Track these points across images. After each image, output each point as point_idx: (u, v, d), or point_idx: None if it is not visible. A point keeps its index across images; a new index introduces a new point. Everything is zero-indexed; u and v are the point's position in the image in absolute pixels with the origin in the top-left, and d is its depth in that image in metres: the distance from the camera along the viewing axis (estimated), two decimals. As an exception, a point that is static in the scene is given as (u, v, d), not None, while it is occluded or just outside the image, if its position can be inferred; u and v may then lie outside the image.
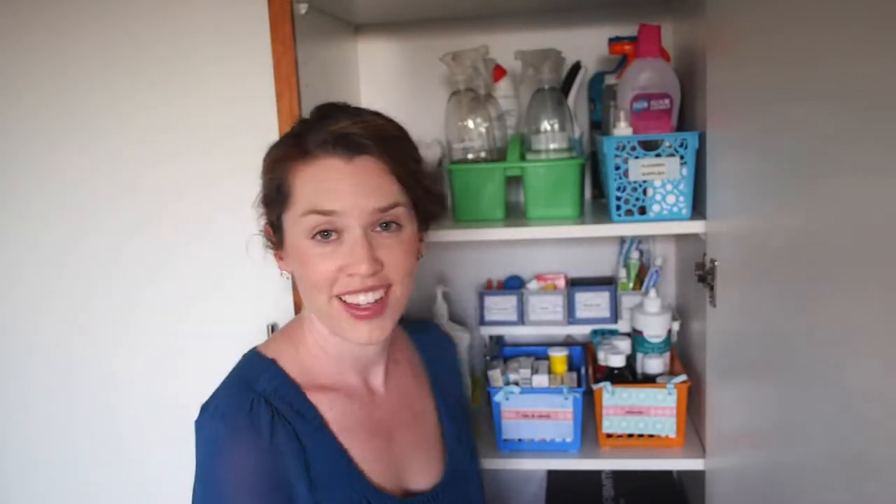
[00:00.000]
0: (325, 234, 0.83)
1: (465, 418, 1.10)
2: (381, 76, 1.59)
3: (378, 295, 0.84)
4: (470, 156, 1.33)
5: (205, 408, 0.84)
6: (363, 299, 0.83)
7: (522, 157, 1.31)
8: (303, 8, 1.17)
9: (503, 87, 1.45)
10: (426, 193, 0.91)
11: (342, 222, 0.82)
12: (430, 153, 1.43)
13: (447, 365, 1.10)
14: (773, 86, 0.79)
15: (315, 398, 0.88)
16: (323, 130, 0.84)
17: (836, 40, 0.62)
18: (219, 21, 1.17)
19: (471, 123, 1.33)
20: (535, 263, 1.60)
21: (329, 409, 0.88)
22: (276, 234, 0.90)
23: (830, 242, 0.64)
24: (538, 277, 1.54)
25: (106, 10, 1.19)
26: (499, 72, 1.44)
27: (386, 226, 0.85)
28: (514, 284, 1.55)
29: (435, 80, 1.54)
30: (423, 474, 0.95)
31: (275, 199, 0.87)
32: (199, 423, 0.83)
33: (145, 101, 1.20)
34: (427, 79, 1.55)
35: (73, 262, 1.26)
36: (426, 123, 1.48)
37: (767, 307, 0.85)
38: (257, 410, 0.82)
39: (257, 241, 0.95)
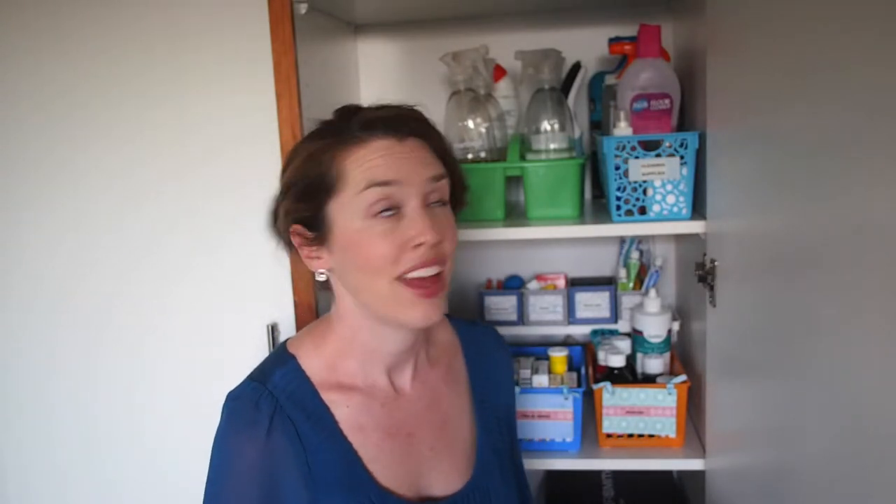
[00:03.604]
0: (384, 210, 0.82)
1: (511, 434, 1.06)
2: (381, 76, 1.59)
3: (437, 270, 0.83)
4: (470, 156, 1.33)
5: (227, 395, 0.87)
6: (425, 273, 0.82)
7: (522, 157, 1.31)
8: (303, 8, 1.17)
9: (503, 87, 1.45)
10: (460, 177, 0.93)
11: (401, 194, 0.82)
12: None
13: (495, 374, 1.05)
14: (773, 86, 0.79)
15: (330, 397, 0.87)
16: (367, 118, 0.85)
17: (837, 40, 0.62)
18: (219, 21, 1.17)
19: (471, 123, 1.33)
20: (535, 263, 1.60)
21: (345, 407, 0.87)
22: (313, 230, 0.86)
23: (830, 242, 0.64)
24: (538, 277, 1.54)
25: (107, 12, 1.19)
26: (499, 72, 1.44)
27: (436, 202, 0.86)
28: (514, 284, 1.55)
29: (435, 80, 1.54)
30: (444, 481, 0.93)
31: (316, 191, 0.84)
32: (222, 409, 0.86)
33: (145, 102, 1.20)
34: (427, 79, 1.55)
35: (73, 264, 1.26)
36: (426, 123, 1.48)
37: (767, 307, 0.85)
38: (261, 406, 0.84)
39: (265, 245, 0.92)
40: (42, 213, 1.25)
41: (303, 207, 0.85)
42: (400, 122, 0.85)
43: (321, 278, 0.89)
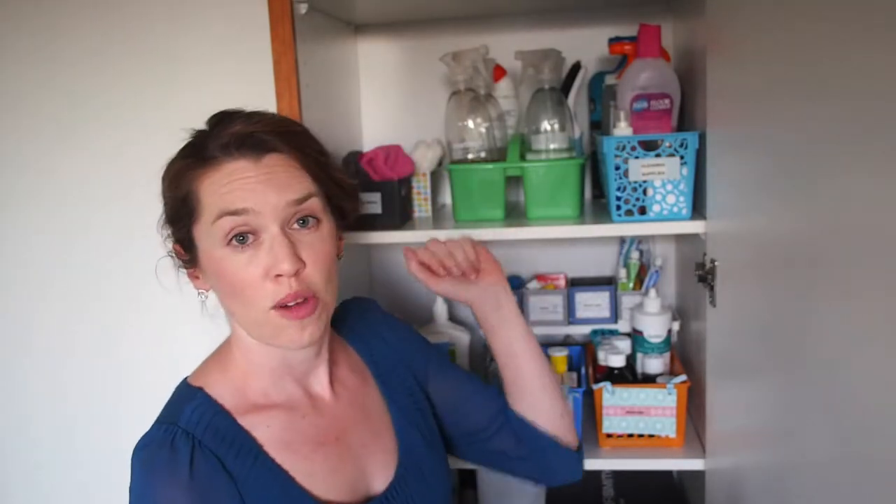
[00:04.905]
0: (240, 238, 0.79)
1: (412, 402, 1.02)
2: (381, 76, 1.59)
3: (304, 297, 0.80)
4: (470, 156, 1.33)
5: (134, 447, 0.80)
6: (291, 302, 0.80)
7: (522, 157, 1.31)
8: (303, 8, 1.17)
9: (503, 87, 1.45)
10: (338, 187, 0.88)
11: (257, 222, 0.78)
12: (430, 153, 1.44)
13: (383, 342, 1.02)
14: (773, 85, 0.79)
15: (248, 421, 0.83)
16: (223, 135, 0.80)
17: (837, 40, 0.62)
18: (219, 21, 1.17)
19: (471, 123, 1.33)
20: (535, 263, 1.60)
21: (266, 428, 0.83)
22: (187, 252, 0.85)
23: (830, 242, 0.64)
24: (538, 277, 1.54)
25: (106, 11, 1.19)
26: (499, 72, 1.44)
27: (304, 222, 0.81)
28: (514, 284, 1.55)
29: (435, 80, 1.54)
30: (381, 474, 0.91)
31: (181, 214, 0.82)
32: (131, 462, 0.80)
33: (145, 102, 1.20)
34: (427, 79, 1.55)
35: (70, 262, 1.26)
36: (426, 123, 1.48)
37: (767, 307, 0.85)
38: (177, 446, 0.78)
39: (167, 263, 0.89)
40: (41, 213, 1.25)
41: (174, 229, 0.84)
42: (255, 140, 0.80)
43: (201, 298, 0.87)
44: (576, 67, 1.41)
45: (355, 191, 0.92)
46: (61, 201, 1.25)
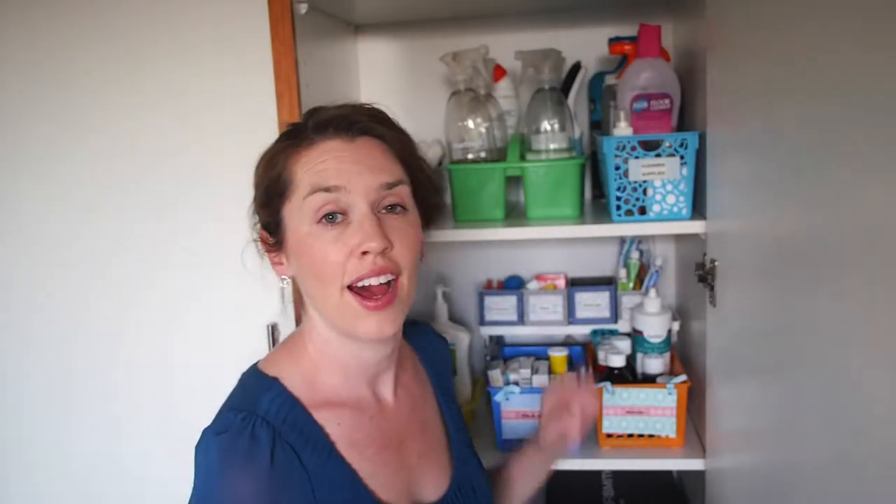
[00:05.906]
0: (330, 217, 0.79)
1: (464, 422, 1.06)
2: (381, 76, 1.59)
3: (388, 278, 0.80)
4: (470, 156, 1.33)
5: (205, 432, 0.78)
6: (374, 281, 0.79)
7: (522, 157, 1.31)
8: (303, 8, 1.17)
9: (503, 87, 1.45)
10: (427, 180, 0.89)
11: (347, 200, 0.79)
12: (430, 153, 1.44)
13: (445, 368, 1.06)
14: (772, 85, 0.79)
15: (322, 416, 0.82)
16: (318, 119, 0.83)
17: (836, 40, 0.62)
18: (219, 21, 1.17)
19: (471, 123, 1.33)
20: (535, 263, 1.60)
21: (337, 425, 0.83)
22: (274, 235, 0.85)
23: (830, 242, 0.64)
24: (538, 277, 1.54)
25: (105, 10, 1.19)
26: (499, 72, 1.44)
27: (391, 208, 0.82)
28: (514, 284, 1.55)
29: (435, 80, 1.54)
30: (433, 485, 0.92)
31: (273, 194, 0.83)
32: (199, 447, 0.78)
33: (144, 102, 1.20)
34: (427, 79, 1.55)
35: (72, 263, 1.26)
36: (426, 123, 1.48)
37: (767, 307, 0.85)
38: (258, 435, 0.77)
39: (250, 251, 0.90)
40: (42, 214, 1.25)
41: (264, 213, 0.85)
42: (350, 121, 0.82)
43: (282, 285, 0.88)
44: (576, 67, 1.41)
45: (441, 190, 0.93)
46: (61, 205, 1.25)
